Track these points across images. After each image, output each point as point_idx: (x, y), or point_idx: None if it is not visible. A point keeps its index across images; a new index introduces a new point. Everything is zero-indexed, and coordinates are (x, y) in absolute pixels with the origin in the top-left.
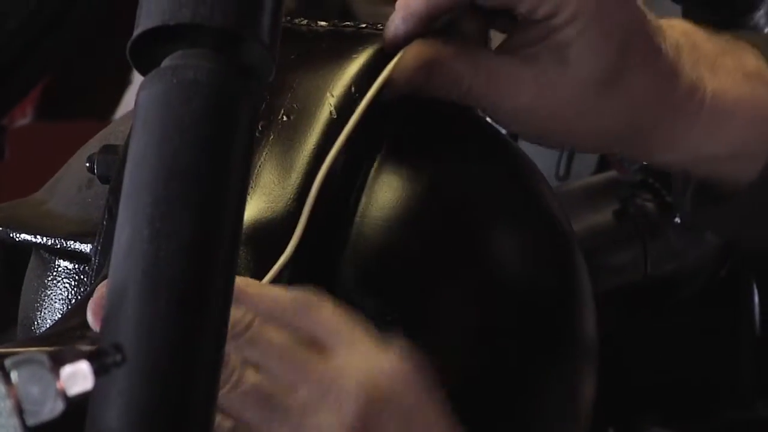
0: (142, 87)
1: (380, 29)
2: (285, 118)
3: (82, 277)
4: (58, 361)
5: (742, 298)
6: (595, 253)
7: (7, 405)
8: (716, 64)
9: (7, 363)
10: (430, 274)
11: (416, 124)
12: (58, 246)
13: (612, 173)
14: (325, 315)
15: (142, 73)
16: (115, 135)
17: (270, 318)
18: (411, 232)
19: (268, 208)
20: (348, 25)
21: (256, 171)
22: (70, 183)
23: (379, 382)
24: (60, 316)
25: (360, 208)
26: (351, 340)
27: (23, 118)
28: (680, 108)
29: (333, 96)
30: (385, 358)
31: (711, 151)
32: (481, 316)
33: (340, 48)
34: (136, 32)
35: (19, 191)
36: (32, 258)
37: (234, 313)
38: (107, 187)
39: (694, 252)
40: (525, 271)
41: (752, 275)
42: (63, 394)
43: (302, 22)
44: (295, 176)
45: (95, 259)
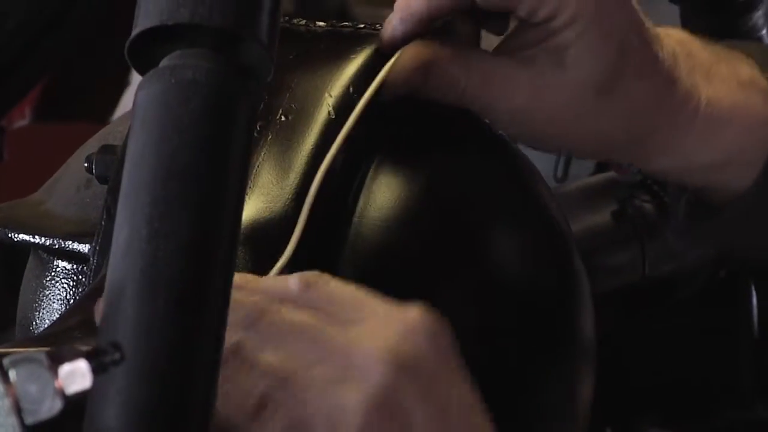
0: (140, 87)
1: (378, 29)
2: (283, 119)
3: (81, 277)
4: (57, 360)
5: (741, 299)
6: (594, 254)
7: (6, 404)
8: (711, 72)
9: (6, 362)
10: (429, 274)
11: (415, 124)
12: (57, 246)
13: (610, 174)
14: (335, 289)
15: (141, 73)
16: (114, 135)
17: (283, 301)
18: (409, 232)
19: (266, 208)
20: (346, 26)
21: (255, 171)
22: (69, 183)
23: (403, 347)
24: (58, 316)
25: (358, 208)
26: (368, 309)
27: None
28: (676, 115)
29: (331, 96)
30: (406, 320)
31: (706, 158)
32: (479, 317)
33: (339, 48)
34: (135, 32)
35: (18, 192)
36: (30, 258)
37: (247, 301)
38: (105, 187)
39: (693, 253)
40: (523, 272)
41: (751, 276)
42: (61, 393)
43: (300, 23)
44: (294, 176)
45: (93, 260)
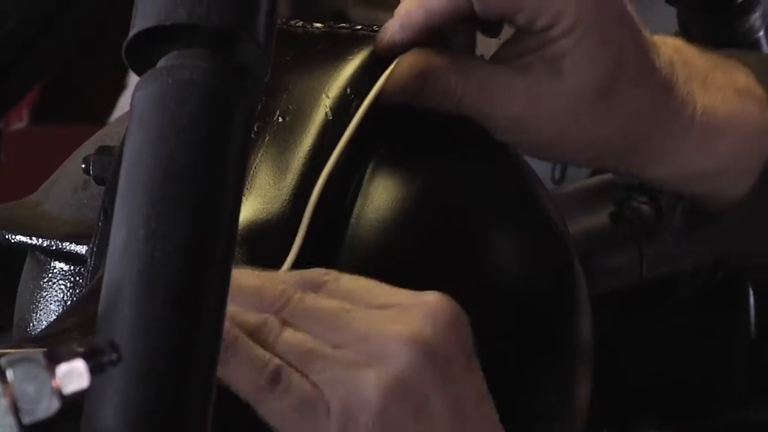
0: (137, 87)
1: (376, 31)
2: (280, 120)
3: (78, 278)
4: (54, 360)
5: (738, 301)
6: (591, 256)
7: (3, 403)
8: (707, 81)
9: (3, 361)
10: (426, 275)
11: (412, 126)
12: (54, 247)
13: (608, 176)
14: (350, 281)
15: (138, 73)
16: (111, 136)
17: (306, 289)
18: (406, 233)
19: (263, 209)
20: (343, 27)
21: (252, 172)
22: (66, 184)
23: (425, 333)
24: (55, 318)
25: (355, 209)
26: (388, 295)
27: (19, 122)
28: (672, 122)
29: (328, 97)
30: (427, 306)
31: (702, 166)
32: (477, 318)
33: (336, 49)
34: (132, 32)
35: (15, 194)
36: (28, 260)
37: (273, 288)
38: (103, 188)
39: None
40: (521, 274)
41: (748, 278)
42: (59, 393)
43: (297, 24)
44: (291, 177)
45: (91, 261)
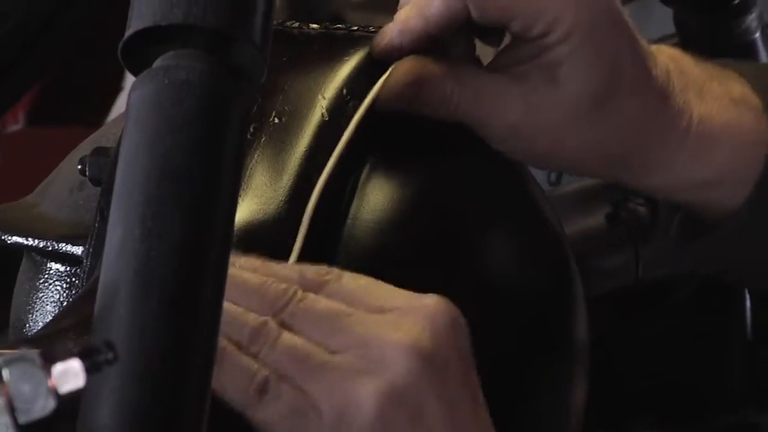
0: (133, 88)
1: (372, 32)
2: (276, 121)
3: (74, 279)
4: (50, 359)
5: (734, 303)
6: (587, 257)
7: None
8: (703, 90)
9: None
10: (422, 277)
11: (409, 128)
12: (50, 248)
13: None
14: (351, 281)
15: (134, 73)
16: (107, 137)
17: (308, 289)
18: (402, 234)
19: (259, 210)
20: (339, 28)
21: (248, 173)
22: (62, 186)
23: (424, 341)
24: (51, 318)
25: (352, 210)
26: (389, 299)
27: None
28: (668, 131)
29: (324, 98)
30: (427, 311)
31: (698, 176)
32: (472, 320)
33: (332, 50)
34: (128, 33)
35: (11, 196)
36: (24, 261)
37: (276, 285)
38: (99, 189)
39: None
40: (517, 275)
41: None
42: (54, 392)
43: (294, 25)
44: (287, 178)
45: (87, 262)
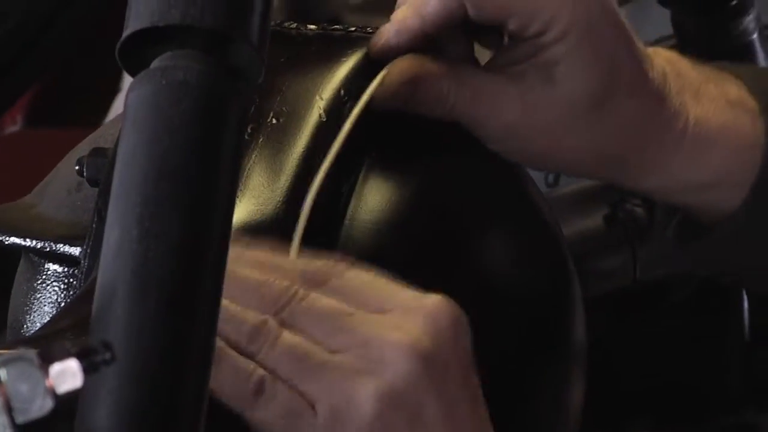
0: (131, 88)
1: (369, 33)
2: (274, 121)
3: (72, 280)
4: (47, 359)
5: (732, 303)
6: (585, 258)
7: None
8: (700, 92)
9: None
10: (420, 277)
11: (406, 127)
12: (48, 249)
13: None
14: (358, 276)
15: (132, 74)
16: (105, 138)
17: (312, 285)
18: (400, 235)
19: (257, 210)
20: (337, 29)
21: (246, 174)
22: (60, 186)
23: (425, 342)
24: (49, 319)
25: (349, 211)
26: (392, 297)
27: (13, 125)
28: (665, 133)
29: (322, 99)
30: (429, 311)
31: (694, 178)
32: (470, 321)
33: (330, 51)
34: (126, 33)
35: (9, 197)
36: (22, 261)
37: (279, 283)
38: (96, 190)
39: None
40: (515, 276)
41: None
42: (52, 392)
43: (291, 26)
44: (285, 179)
45: (84, 262)
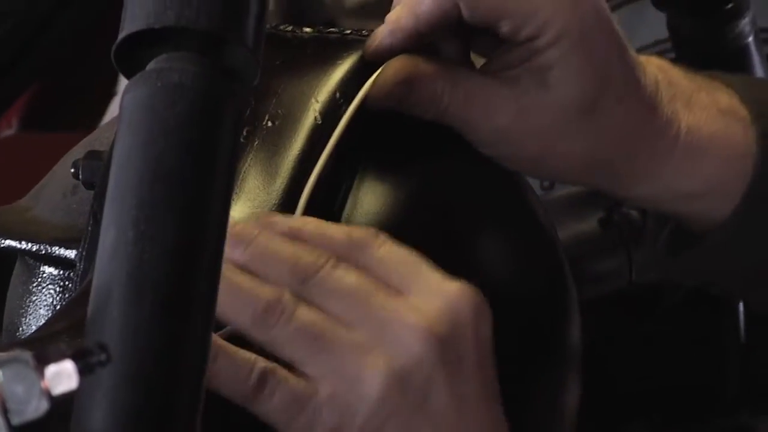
0: (126, 90)
1: (365, 36)
2: (270, 124)
3: (67, 282)
4: (43, 361)
5: (728, 306)
6: (580, 261)
7: None
8: (692, 100)
9: None
10: None
11: (402, 129)
12: (43, 252)
13: None
14: (389, 253)
15: (127, 76)
16: (100, 141)
17: (340, 257)
18: (396, 237)
19: (253, 213)
20: (333, 32)
21: (241, 176)
22: (55, 189)
23: (442, 328)
24: (45, 321)
25: (345, 214)
26: (417, 279)
27: (8, 129)
28: (656, 140)
29: (318, 102)
30: (452, 297)
31: (685, 186)
32: None
33: (325, 54)
34: (121, 35)
35: (4, 201)
36: (17, 264)
37: (306, 256)
38: (92, 193)
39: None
40: (510, 279)
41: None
42: (48, 394)
43: (287, 29)
44: (280, 182)
45: (80, 265)
